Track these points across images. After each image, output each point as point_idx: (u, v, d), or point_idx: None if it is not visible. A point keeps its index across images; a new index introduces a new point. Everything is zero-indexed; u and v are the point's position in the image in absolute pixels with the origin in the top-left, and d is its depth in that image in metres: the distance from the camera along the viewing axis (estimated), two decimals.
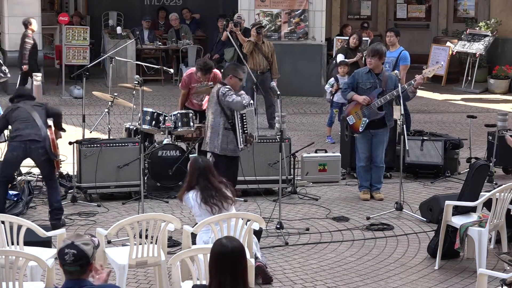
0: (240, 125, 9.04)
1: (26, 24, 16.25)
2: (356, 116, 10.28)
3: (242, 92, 9.33)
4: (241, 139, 9.06)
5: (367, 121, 10.20)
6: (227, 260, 4.77)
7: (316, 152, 11.47)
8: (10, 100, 9.55)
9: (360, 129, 10.25)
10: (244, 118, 9.06)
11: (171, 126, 10.70)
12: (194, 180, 7.55)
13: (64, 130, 9.54)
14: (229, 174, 8.84)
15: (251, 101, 9.22)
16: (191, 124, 10.80)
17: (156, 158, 10.53)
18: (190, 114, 10.85)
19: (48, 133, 9.04)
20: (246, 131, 9.07)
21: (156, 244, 7.00)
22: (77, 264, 4.79)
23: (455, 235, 8.06)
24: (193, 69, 11.12)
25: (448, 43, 19.48)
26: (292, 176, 10.65)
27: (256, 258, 7.47)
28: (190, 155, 10.16)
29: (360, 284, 7.79)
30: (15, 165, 9.28)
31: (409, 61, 12.53)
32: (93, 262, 4.86)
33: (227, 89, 9.02)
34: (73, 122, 14.50)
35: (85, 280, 4.86)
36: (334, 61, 14.33)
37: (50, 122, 9.30)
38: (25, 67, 15.78)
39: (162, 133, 10.87)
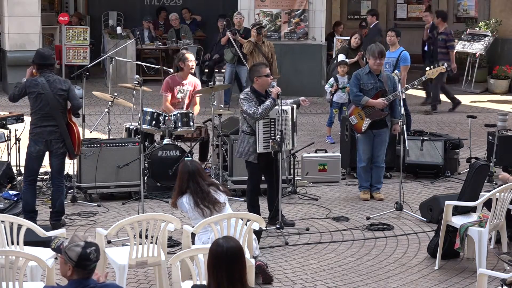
0: (262, 130, 8.86)
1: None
2: (358, 116, 10.28)
3: (274, 85, 9.02)
4: (261, 144, 8.87)
5: (370, 121, 10.20)
6: (223, 260, 4.76)
7: (316, 152, 11.47)
8: None
9: (363, 129, 10.24)
10: (273, 123, 8.85)
11: (171, 126, 10.69)
12: (185, 184, 7.52)
13: None
14: (249, 178, 9.07)
15: (287, 108, 8.98)
16: (191, 124, 10.80)
17: (156, 158, 10.52)
18: (190, 114, 10.84)
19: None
20: (273, 137, 8.82)
21: (156, 244, 7.00)
22: (98, 258, 4.92)
23: (455, 235, 8.06)
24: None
25: None
26: (292, 176, 10.65)
27: (256, 257, 7.47)
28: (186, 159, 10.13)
29: (360, 284, 7.79)
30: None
31: (409, 61, 12.54)
32: None
33: (245, 95, 8.99)
34: None
35: (89, 279, 4.87)
36: (335, 61, 14.32)
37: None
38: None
39: (162, 133, 10.87)
